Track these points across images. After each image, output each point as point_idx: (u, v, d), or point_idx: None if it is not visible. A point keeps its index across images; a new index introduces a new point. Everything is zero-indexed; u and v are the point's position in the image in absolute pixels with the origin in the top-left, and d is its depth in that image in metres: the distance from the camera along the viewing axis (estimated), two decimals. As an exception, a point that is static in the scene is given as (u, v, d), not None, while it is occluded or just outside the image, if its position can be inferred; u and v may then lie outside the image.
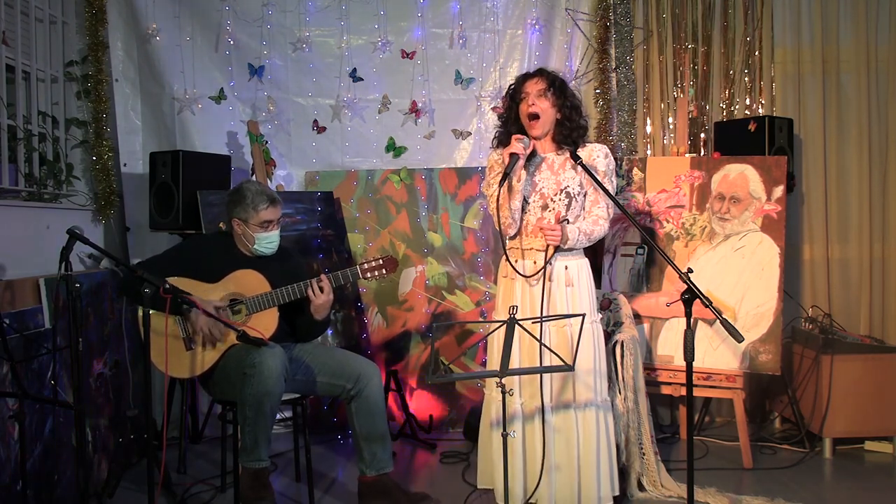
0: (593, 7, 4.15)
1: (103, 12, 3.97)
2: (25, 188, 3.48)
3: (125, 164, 4.12)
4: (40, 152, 3.65)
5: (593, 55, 4.15)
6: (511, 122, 2.76)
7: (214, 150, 4.07)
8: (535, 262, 2.70)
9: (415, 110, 4.25)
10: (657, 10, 4.28)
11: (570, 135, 2.70)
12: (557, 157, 2.74)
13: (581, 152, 2.70)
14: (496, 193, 2.58)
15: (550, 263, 2.66)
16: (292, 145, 4.27)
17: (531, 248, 2.71)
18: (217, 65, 4.20)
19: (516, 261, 2.72)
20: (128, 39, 4.12)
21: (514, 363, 2.66)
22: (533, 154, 2.73)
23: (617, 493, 2.76)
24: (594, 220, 2.70)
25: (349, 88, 4.24)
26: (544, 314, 2.62)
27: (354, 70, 4.23)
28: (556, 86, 2.69)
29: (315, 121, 4.26)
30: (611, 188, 2.70)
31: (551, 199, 2.69)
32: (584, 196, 2.74)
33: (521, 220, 2.71)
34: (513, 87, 2.76)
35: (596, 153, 2.72)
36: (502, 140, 2.79)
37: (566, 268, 2.69)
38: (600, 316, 2.78)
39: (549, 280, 2.67)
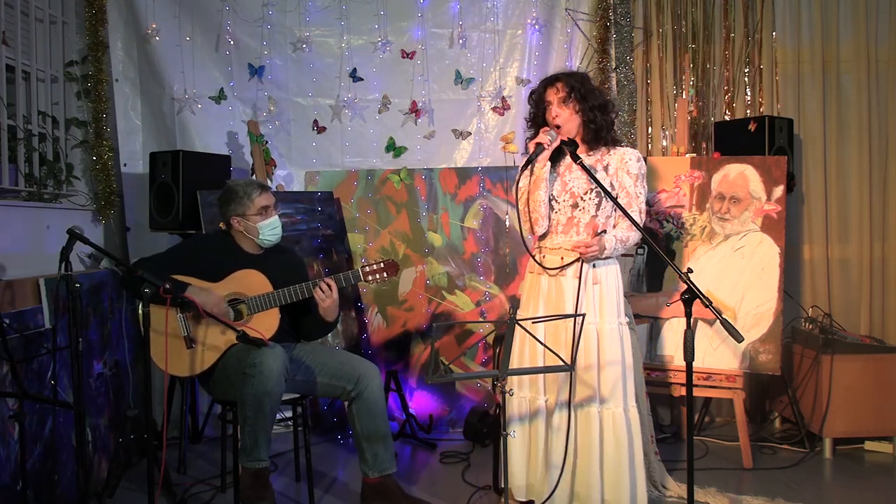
0: (593, 7, 4.15)
1: (103, 12, 3.97)
2: (25, 188, 3.48)
3: (125, 164, 4.12)
4: (40, 152, 3.65)
5: (593, 55, 4.15)
6: (538, 128, 2.76)
7: (214, 150, 4.07)
8: (561, 259, 2.69)
9: (415, 110, 4.25)
10: (657, 10, 4.27)
11: (598, 133, 2.70)
12: (587, 157, 2.71)
13: (612, 155, 2.71)
14: (523, 187, 2.66)
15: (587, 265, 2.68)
16: (292, 145, 4.27)
17: (559, 248, 2.70)
18: (217, 65, 4.20)
19: (544, 257, 2.73)
20: (128, 39, 4.12)
21: (538, 362, 2.67)
22: (562, 155, 2.73)
23: (645, 500, 2.70)
24: (628, 225, 2.65)
25: (349, 88, 4.24)
26: (568, 311, 2.62)
27: (354, 70, 4.23)
28: (577, 91, 2.67)
29: (315, 121, 4.26)
30: (642, 192, 2.70)
31: (581, 199, 2.68)
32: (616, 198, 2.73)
33: (551, 218, 2.72)
34: (536, 93, 2.76)
35: (628, 157, 2.70)
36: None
37: (594, 266, 2.68)
38: (627, 319, 2.77)
39: (576, 277, 2.67)
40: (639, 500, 2.64)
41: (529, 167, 2.66)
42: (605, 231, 2.67)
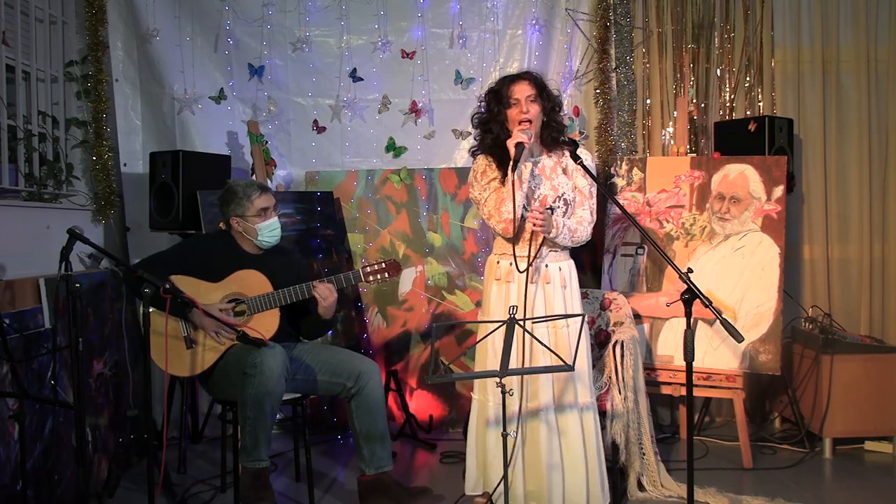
0: (593, 7, 4.15)
1: (103, 12, 3.96)
2: (25, 188, 3.48)
3: (125, 164, 4.12)
4: (40, 152, 3.65)
5: (593, 55, 4.15)
6: (498, 126, 2.67)
7: (214, 150, 4.07)
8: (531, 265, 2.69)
9: (415, 110, 4.25)
10: (657, 10, 4.27)
11: (557, 136, 2.70)
12: (548, 160, 2.73)
13: (568, 156, 2.69)
14: (510, 180, 2.51)
15: (539, 256, 2.66)
16: (292, 145, 4.27)
17: (525, 256, 2.67)
18: (217, 65, 4.20)
19: (510, 263, 2.68)
20: (128, 39, 4.12)
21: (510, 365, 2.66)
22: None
23: (609, 500, 2.72)
24: (578, 220, 2.69)
25: (349, 88, 4.24)
26: (541, 315, 2.61)
27: (354, 70, 4.23)
28: (543, 89, 2.66)
29: (315, 121, 4.26)
30: (595, 191, 2.72)
31: (549, 207, 2.67)
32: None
33: (522, 227, 2.67)
34: (495, 90, 2.69)
35: (584, 154, 2.69)
36: (486, 146, 2.74)
37: (560, 269, 2.70)
38: (589, 316, 2.79)
39: (547, 283, 2.68)
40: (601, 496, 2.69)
41: (514, 170, 2.52)
42: (552, 209, 2.63)
